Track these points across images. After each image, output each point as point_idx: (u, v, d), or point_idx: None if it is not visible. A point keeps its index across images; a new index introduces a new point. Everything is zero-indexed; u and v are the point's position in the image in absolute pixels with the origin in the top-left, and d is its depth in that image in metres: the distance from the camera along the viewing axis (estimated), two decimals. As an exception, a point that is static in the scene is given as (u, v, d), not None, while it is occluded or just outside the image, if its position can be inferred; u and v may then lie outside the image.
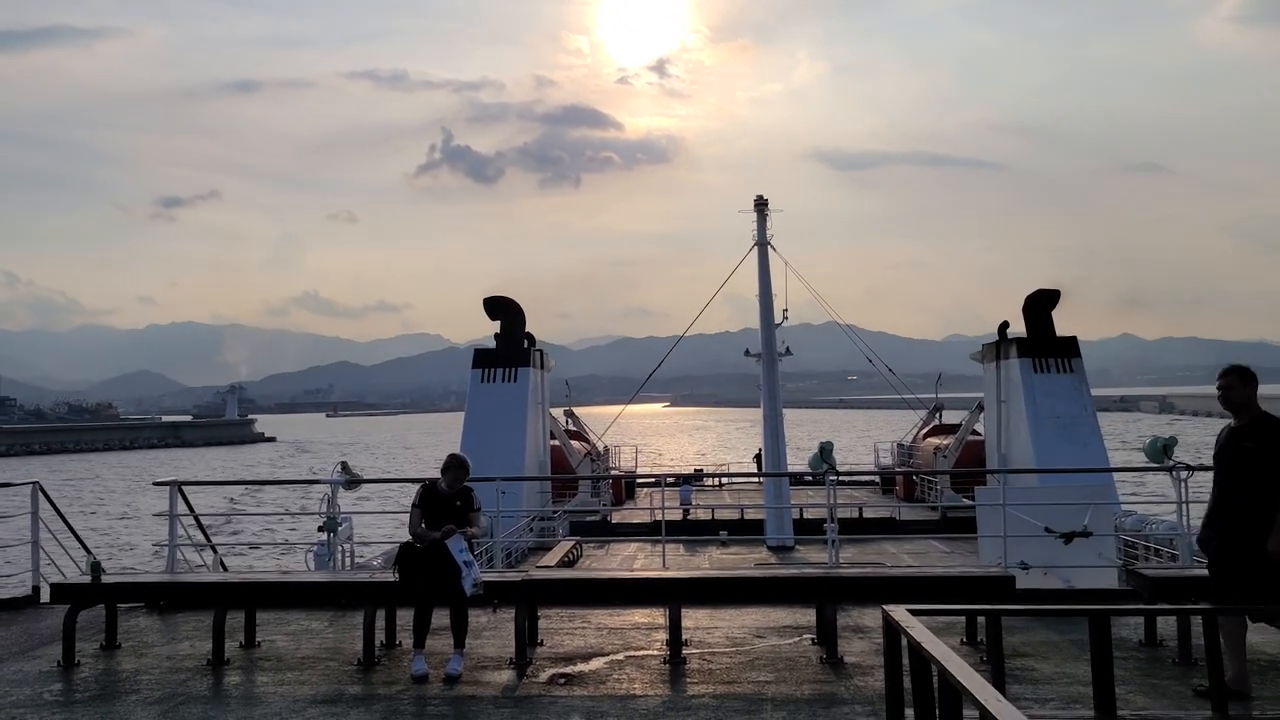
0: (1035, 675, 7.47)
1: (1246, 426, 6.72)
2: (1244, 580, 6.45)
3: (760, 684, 7.39)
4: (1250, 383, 6.82)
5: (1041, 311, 29.19)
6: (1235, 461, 6.67)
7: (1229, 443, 6.80)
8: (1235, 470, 6.65)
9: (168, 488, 11.52)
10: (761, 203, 30.12)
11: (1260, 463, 6.50)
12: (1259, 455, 6.53)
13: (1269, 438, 6.55)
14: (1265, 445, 6.55)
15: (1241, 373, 6.87)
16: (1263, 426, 6.64)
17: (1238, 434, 6.76)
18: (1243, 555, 6.45)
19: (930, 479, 32.77)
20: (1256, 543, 6.38)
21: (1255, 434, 6.63)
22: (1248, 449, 6.59)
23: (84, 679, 7.96)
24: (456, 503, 8.12)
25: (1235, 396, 6.81)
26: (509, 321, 30.54)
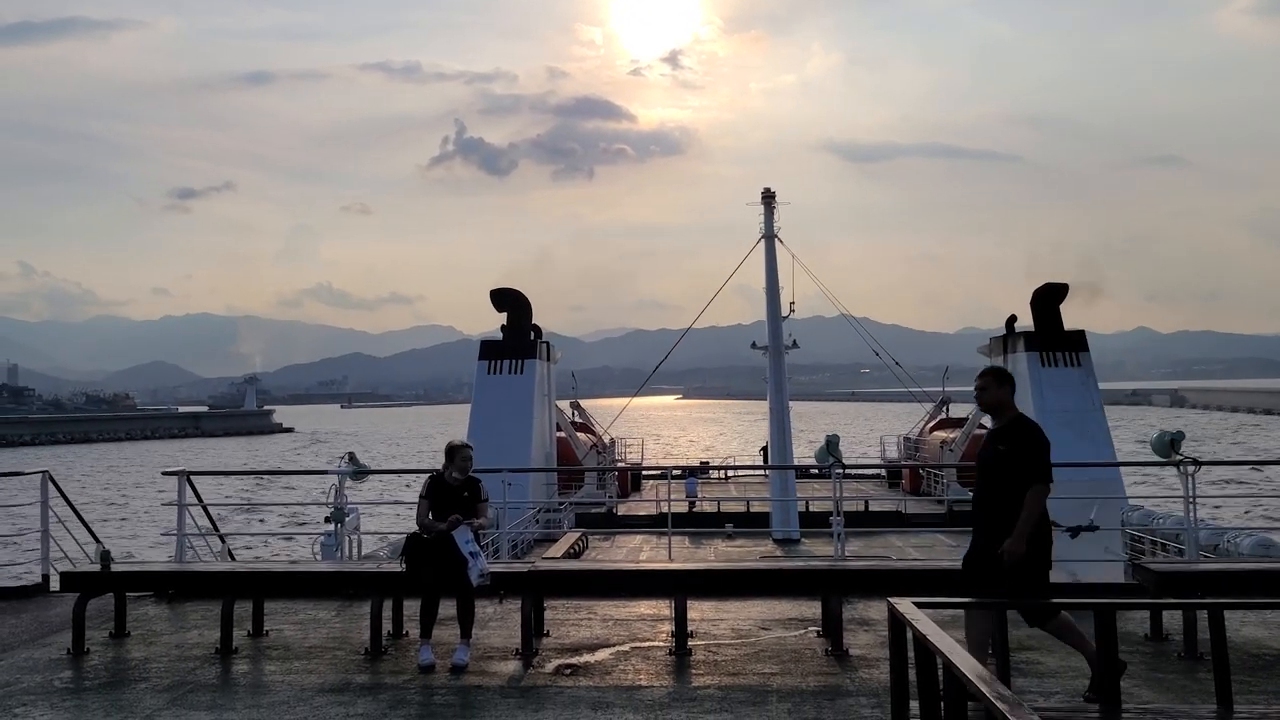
0: (1040, 668, 7.48)
1: (1002, 429, 6.63)
2: (988, 581, 6.37)
3: (765, 676, 7.41)
4: (1005, 384, 6.72)
5: (1049, 305, 29.08)
6: (992, 464, 6.56)
7: (986, 445, 6.72)
8: (991, 473, 6.55)
9: (176, 478, 11.58)
10: (769, 195, 30.07)
11: (1011, 465, 6.40)
12: (1010, 458, 6.43)
13: (1020, 440, 6.45)
14: (1016, 448, 6.44)
15: (997, 374, 6.78)
16: (1015, 429, 6.54)
17: (994, 436, 6.67)
18: (992, 557, 6.36)
19: (936, 472, 32.74)
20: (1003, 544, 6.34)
21: (1008, 436, 6.54)
22: (1001, 452, 6.49)
23: (93, 667, 8.02)
24: (464, 493, 8.15)
25: (988, 398, 6.70)
26: (515, 313, 30.54)
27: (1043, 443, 6.47)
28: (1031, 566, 6.33)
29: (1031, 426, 6.56)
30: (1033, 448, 6.43)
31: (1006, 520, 6.32)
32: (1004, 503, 6.37)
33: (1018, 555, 6.24)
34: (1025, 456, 6.41)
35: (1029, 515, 6.28)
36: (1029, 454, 6.41)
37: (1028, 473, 6.37)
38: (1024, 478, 6.35)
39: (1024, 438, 6.47)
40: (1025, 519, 6.27)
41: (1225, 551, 19.19)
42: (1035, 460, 6.40)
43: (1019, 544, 6.24)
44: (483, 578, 7.86)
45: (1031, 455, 6.41)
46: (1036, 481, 6.35)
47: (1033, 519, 6.30)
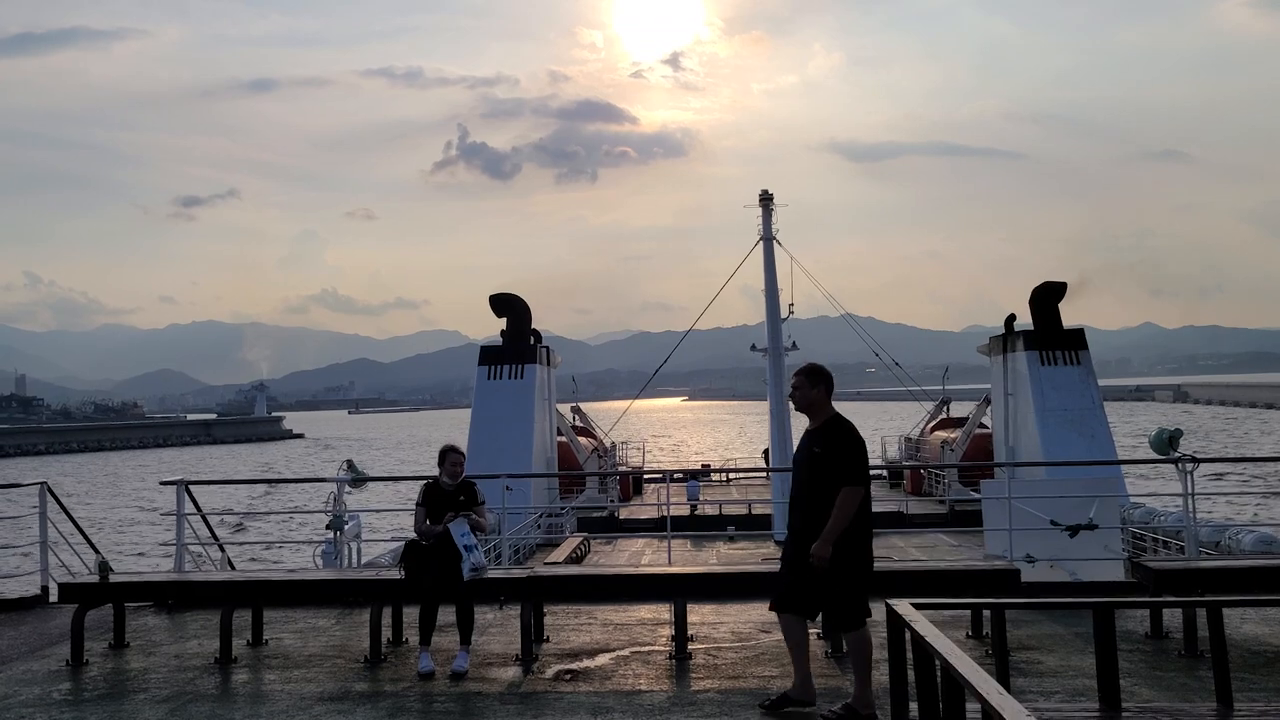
0: (1040, 668, 7.46)
1: (818, 430, 6.44)
2: (804, 585, 6.26)
3: (766, 679, 7.40)
4: (820, 383, 6.48)
5: (1048, 304, 29.10)
6: (807, 466, 6.40)
7: (804, 445, 6.53)
8: (806, 475, 6.39)
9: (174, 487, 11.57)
10: (766, 198, 30.10)
11: (827, 467, 6.25)
12: (826, 459, 6.28)
13: (834, 441, 6.31)
14: (831, 449, 6.29)
15: (811, 373, 6.53)
16: (831, 430, 6.38)
17: (810, 438, 6.49)
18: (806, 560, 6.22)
19: (938, 472, 32.72)
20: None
21: (824, 438, 6.37)
22: (817, 454, 6.33)
23: (92, 678, 8.00)
24: (460, 497, 8.14)
25: (801, 399, 6.51)
26: (515, 319, 30.57)
27: (858, 443, 6.34)
28: (845, 569, 6.19)
29: (847, 427, 6.40)
30: (847, 449, 6.29)
31: (822, 524, 6.18)
32: (820, 505, 6.21)
33: (824, 559, 6.10)
34: (840, 458, 6.25)
35: (839, 518, 6.14)
36: (843, 455, 6.26)
37: (841, 474, 6.21)
38: (838, 479, 6.20)
39: (839, 439, 6.31)
40: (835, 522, 6.13)
41: (1227, 548, 19.17)
42: (850, 461, 6.26)
43: (825, 548, 6.10)
44: (475, 571, 7.81)
45: (846, 456, 6.26)
46: (849, 483, 6.20)
47: (843, 522, 6.15)
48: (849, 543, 6.19)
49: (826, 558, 6.09)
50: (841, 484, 6.18)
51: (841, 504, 6.15)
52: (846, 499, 6.17)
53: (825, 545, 6.11)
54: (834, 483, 6.19)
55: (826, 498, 6.18)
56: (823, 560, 6.08)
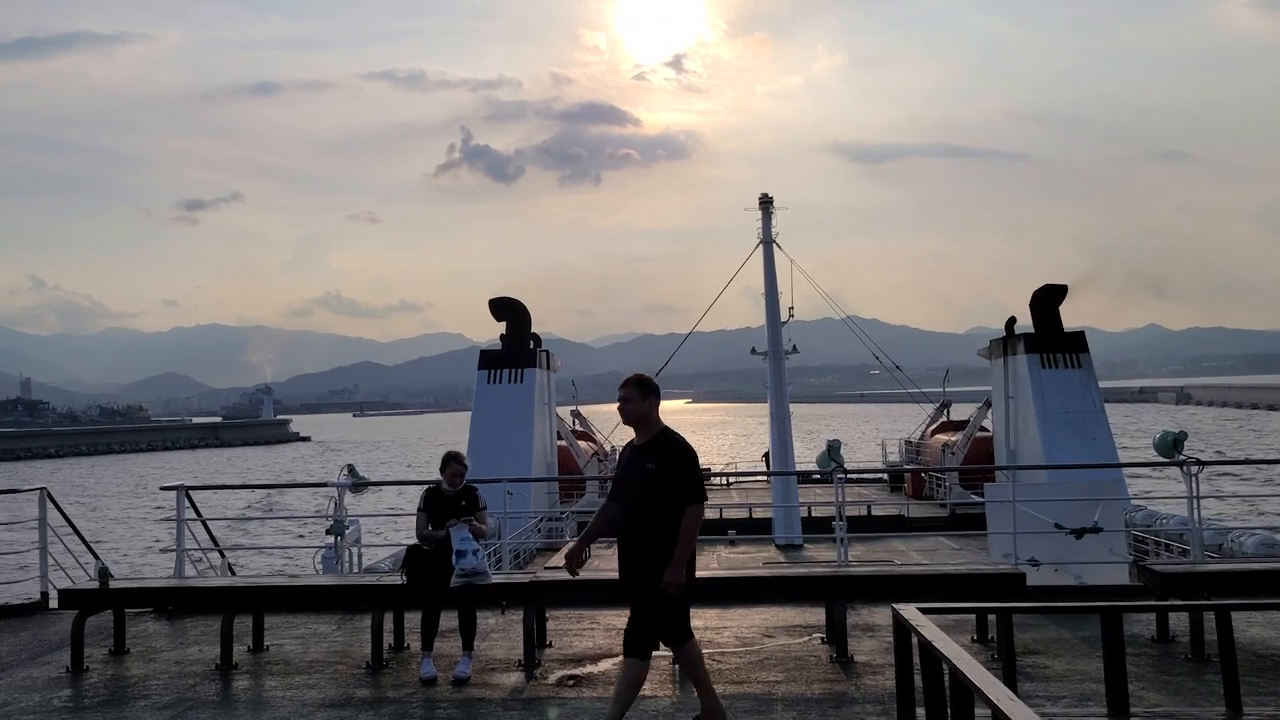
0: (1047, 673, 7.43)
1: (648, 445, 6.05)
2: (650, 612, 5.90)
3: (770, 684, 7.36)
4: (650, 394, 6.12)
5: (1049, 307, 29.07)
6: (639, 483, 5.97)
7: (632, 462, 6.11)
8: (639, 493, 5.97)
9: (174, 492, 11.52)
10: (766, 200, 30.08)
11: (663, 485, 5.87)
12: (661, 477, 5.89)
13: (670, 457, 5.94)
14: (667, 465, 5.92)
15: (641, 384, 6.14)
16: (663, 445, 6.01)
17: (640, 453, 6.07)
18: (642, 585, 5.90)
19: (939, 476, 32.66)
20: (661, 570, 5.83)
21: (656, 453, 5.98)
22: (650, 470, 5.92)
23: (93, 684, 7.96)
24: (461, 503, 8.11)
25: (633, 410, 6.09)
26: (515, 322, 30.53)
27: (694, 458, 6.04)
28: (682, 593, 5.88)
29: (681, 441, 6.05)
30: (685, 465, 5.95)
31: (659, 544, 5.84)
32: (655, 525, 5.86)
33: (678, 584, 5.79)
34: (677, 475, 5.89)
35: (687, 540, 5.81)
36: (681, 472, 5.91)
37: (681, 492, 5.85)
38: (677, 498, 5.84)
39: (674, 455, 5.96)
40: (684, 544, 5.81)
41: (1229, 551, 19.12)
42: (688, 478, 5.92)
43: (679, 573, 5.80)
44: (463, 576, 7.73)
45: (683, 473, 5.92)
46: (691, 502, 5.86)
47: (691, 543, 5.84)
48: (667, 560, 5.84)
49: (681, 584, 5.79)
50: (684, 503, 5.83)
51: (688, 523, 5.82)
52: (693, 519, 5.84)
53: (678, 571, 5.78)
54: (674, 501, 5.83)
55: (666, 517, 5.83)
56: (677, 586, 5.77)
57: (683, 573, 5.81)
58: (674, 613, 5.94)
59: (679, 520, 5.84)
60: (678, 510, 5.85)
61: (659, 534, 5.85)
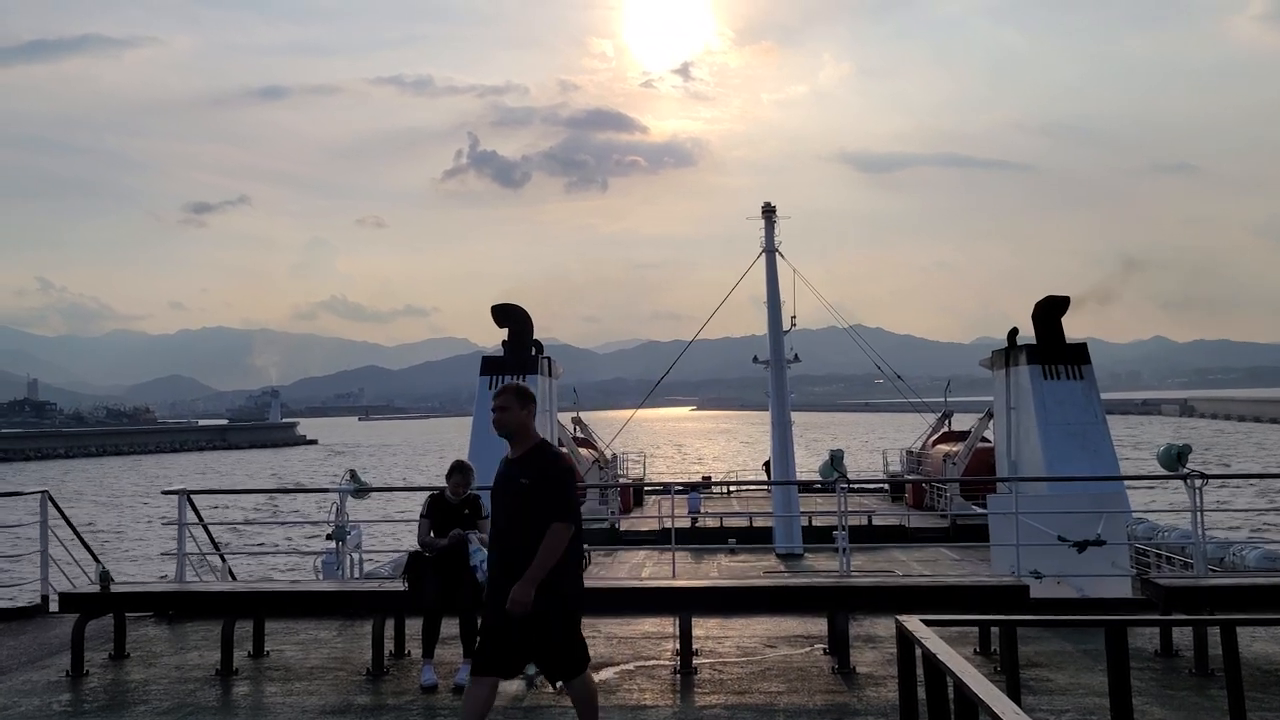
0: (1050, 686, 7.40)
1: (523, 459, 5.74)
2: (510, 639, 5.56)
3: (772, 694, 7.34)
4: (528, 404, 5.83)
5: (1051, 318, 29.07)
6: (512, 499, 5.66)
7: (506, 476, 5.78)
8: (513, 509, 5.66)
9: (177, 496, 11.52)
10: (769, 210, 30.12)
11: (536, 500, 5.57)
12: (535, 492, 5.60)
13: (545, 472, 5.65)
14: (541, 481, 5.62)
15: (520, 393, 5.84)
16: (538, 459, 5.71)
17: (514, 466, 5.75)
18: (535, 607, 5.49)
19: (940, 486, 32.62)
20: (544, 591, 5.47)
21: (531, 467, 5.67)
22: (524, 485, 5.62)
23: (93, 689, 7.94)
24: (465, 511, 8.10)
25: (510, 420, 5.77)
26: (517, 328, 30.54)
27: (568, 474, 5.76)
28: (559, 612, 5.57)
29: (556, 455, 5.79)
30: (557, 481, 5.65)
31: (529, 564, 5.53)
32: (530, 544, 5.51)
33: (525, 604, 5.40)
34: (551, 490, 5.59)
35: (544, 558, 5.48)
36: (555, 487, 5.61)
37: (552, 508, 5.55)
38: (549, 514, 5.53)
39: (548, 469, 5.66)
40: (540, 561, 5.47)
41: (1231, 564, 19.09)
42: (561, 494, 5.62)
43: (527, 591, 5.41)
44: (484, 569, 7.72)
45: (557, 488, 5.61)
46: (560, 518, 5.55)
47: (549, 563, 5.49)
48: (559, 581, 5.55)
49: (528, 602, 5.40)
50: (551, 519, 5.53)
51: (550, 542, 5.50)
52: (556, 536, 5.52)
53: (527, 588, 5.42)
54: (544, 518, 5.53)
55: (538, 535, 5.51)
56: (524, 606, 5.40)
57: (530, 591, 5.41)
58: (560, 640, 5.57)
59: None
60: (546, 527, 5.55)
61: (531, 553, 5.50)
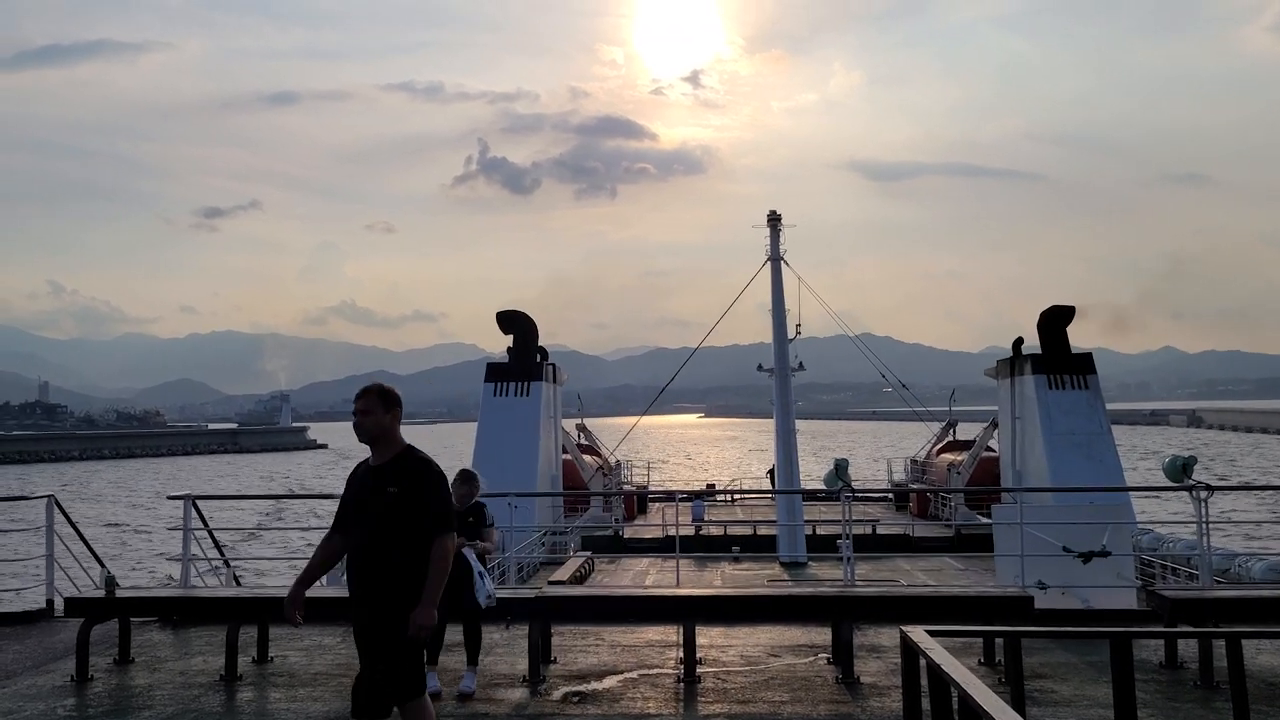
0: (1055, 697, 7.38)
1: (387, 466, 5.26)
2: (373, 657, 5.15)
3: (776, 704, 7.33)
4: (393, 406, 5.37)
5: (1056, 327, 29.05)
6: (377, 511, 5.15)
7: (370, 484, 5.26)
8: (378, 522, 5.15)
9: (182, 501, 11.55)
10: (774, 218, 30.18)
11: (406, 513, 5.11)
12: (404, 503, 5.12)
13: (416, 480, 5.18)
14: (413, 489, 5.15)
15: (382, 394, 5.39)
16: (406, 466, 5.23)
17: (380, 474, 5.25)
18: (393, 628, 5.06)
19: (945, 496, 32.57)
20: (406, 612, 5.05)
21: (399, 476, 5.19)
22: (392, 495, 5.13)
23: (97, 694, 7.95)
24: (469, 519, 8.10)
25: (375, 425, 5.30)
26: (522, 335, 30.61)
27: (442, 481, 5.29)
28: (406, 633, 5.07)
29: (426, 462, 5.26)
30: (432, 490, 5.19)
31: (402, 581, 5.06)
32: (398, 559, 5.07)
33: (430, 627, 5.04)
34: (425, 500, 5.14)
35: (438, 576, 5.08)
36: (428, 498, 5.15)
37: (429, 521, 5.11)
38: (426, 528, 5.10)
39: (420, 478, 5.18)
40: (434, 581, 5.07)
41: (1236, 576, 19.02)
42: (439, 504, 5.19)
43: (430, 614, 5.03)
44: (489, 600, 7.79)
45: (429, 498, 5.16)
46: (439, 532, 5.12)
47: (443, 580, 5.12)
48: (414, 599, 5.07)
49: (431, 626, 5.05)
50: (431, 533, 5.10)
51: (439, 558, 5.09)
52: (443, 551, 5.11)
53: (430, 611, 5.03)
54: (419, 531, 5.09)
55: (409, 550, 5.07)
56: (428, 630, 5.04)
57: (434, 614, 5.06)
58: (403, 659, 5.15)
59: (424, 553, 5.10)
60: (423, 542, 5.11)
61: (401, 569, 5.07)
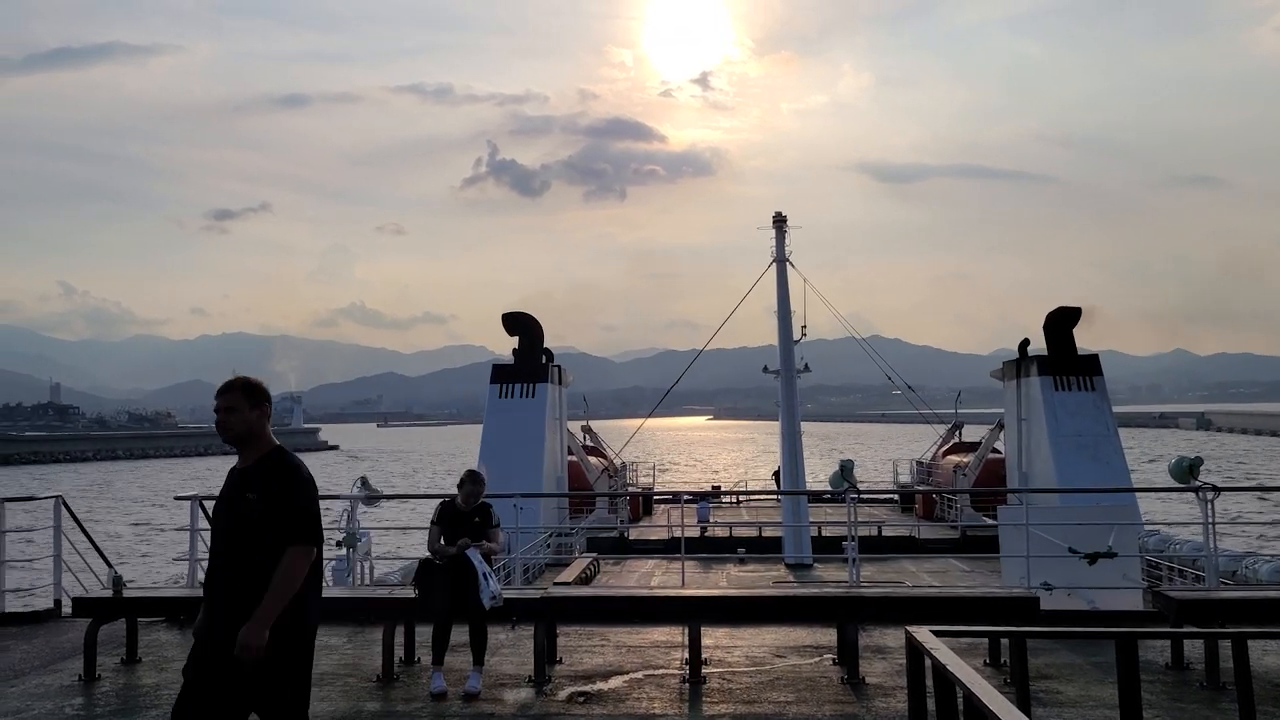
0: (1060, 698, 7.38)
1: (250, 470, 4.66)
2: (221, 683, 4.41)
3: (781, 704, 7.33)
4: (260, 402, 4.74)
5: (1062, 329, 28.99)
6: (237, 518, 4.57)
7: (232, 490, 4.69)
8: (236, 530, 4.57)
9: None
10: (780, 219, 30.16)
11: (267, 521, 4.50)
12: (265, 510, 4.51)
13: (277, 484, 4.57)
14: (272, 495, 4.54)
15: (247, 389, 4.74)
16: (269, 469, 4.62)
17: (242, 479, 4.66)
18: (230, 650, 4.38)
19: (950, 497, 32.52)
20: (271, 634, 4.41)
21: (259, 480, 4.59)
22: (250, 501, 4.55)
23: (104, 693, 7.99)
24: (475, 519, 8.13)
25: (239, 423, 4.69)
26: (527, 337, 30.64)
27: (309, 486, 4.65)
28: (284, 659, 4.46)
29: (290, 465, 4.65)
30: (295, 494, 4.57)
31: (254, 600, 4.40)
32: (252, 573, 4.45)
33: (258, 649, 4.33)
34: (284, 506, 4.52)
35: (281, 590, 4.41)
36: (290, 503, 4.54)
37: (286, 529, 4.49)
38: (281, 537, 4.47)
39: (284, 481, 4.58)
40: (275, 596, 4.39)
41: (1244, 578, 18.98)
42: (298, 511, 4.55)
43: (260, 633, 4.33)
44: (494, 600, 7.81)
45: (292, 504, 4.54)
46: (297, 541, 4.49)
47: (286, 595, 4.42)
48: (290, 623, 4.46)
49: (260, 646, 4.33)
50: (286, 542, 4.47)
51: (287, 571, 4.43)
52: (294, 564, 4.46)
53: (260, 630, 4.33)
54: (273, 541, 4.47)
55: (261, 562, 4.45)
56: (256, 651, 4.32)
57: (264, 633, 4.34)
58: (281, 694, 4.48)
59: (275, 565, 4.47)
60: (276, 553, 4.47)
61: (253, 586, 4.44)
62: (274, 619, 4.39)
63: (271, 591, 4.40)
